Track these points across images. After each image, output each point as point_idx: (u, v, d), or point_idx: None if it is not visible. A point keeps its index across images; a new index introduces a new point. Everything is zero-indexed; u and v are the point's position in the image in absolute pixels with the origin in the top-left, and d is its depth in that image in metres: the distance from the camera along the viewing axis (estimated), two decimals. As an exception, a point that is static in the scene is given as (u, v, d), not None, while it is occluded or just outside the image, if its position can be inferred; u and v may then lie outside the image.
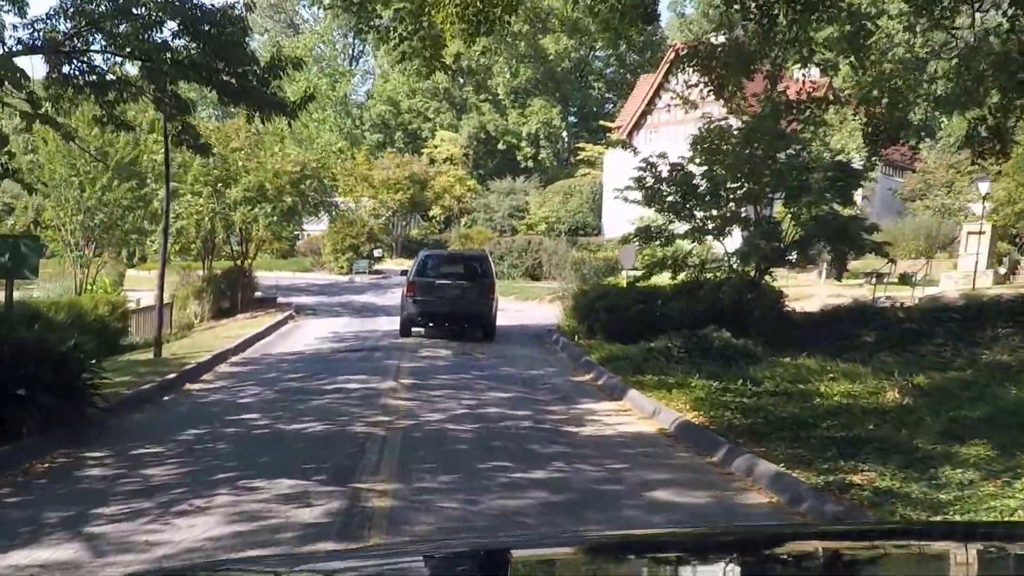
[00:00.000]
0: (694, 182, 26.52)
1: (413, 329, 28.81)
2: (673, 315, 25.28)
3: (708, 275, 26.73)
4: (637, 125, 65.46)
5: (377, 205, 64.68)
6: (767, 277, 26.27)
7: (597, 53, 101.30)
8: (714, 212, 26.12)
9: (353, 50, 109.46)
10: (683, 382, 18.14)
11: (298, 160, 36.52)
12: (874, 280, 34.52)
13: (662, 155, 28.02)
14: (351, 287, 52.62)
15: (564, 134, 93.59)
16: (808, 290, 36.29)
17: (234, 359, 23.93)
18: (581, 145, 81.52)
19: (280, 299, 42.65)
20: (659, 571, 3.03)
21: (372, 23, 18.02)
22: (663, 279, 28.00)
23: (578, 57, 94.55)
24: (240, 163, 35.60)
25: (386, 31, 17.61)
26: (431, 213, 73.37)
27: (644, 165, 27.75)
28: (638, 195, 27.95)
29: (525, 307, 41.82)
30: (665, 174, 27.18)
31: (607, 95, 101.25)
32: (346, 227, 57.71)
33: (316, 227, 65.06)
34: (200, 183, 34.98)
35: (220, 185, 35.39)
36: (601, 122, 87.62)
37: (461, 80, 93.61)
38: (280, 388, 18.66)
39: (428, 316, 28.07)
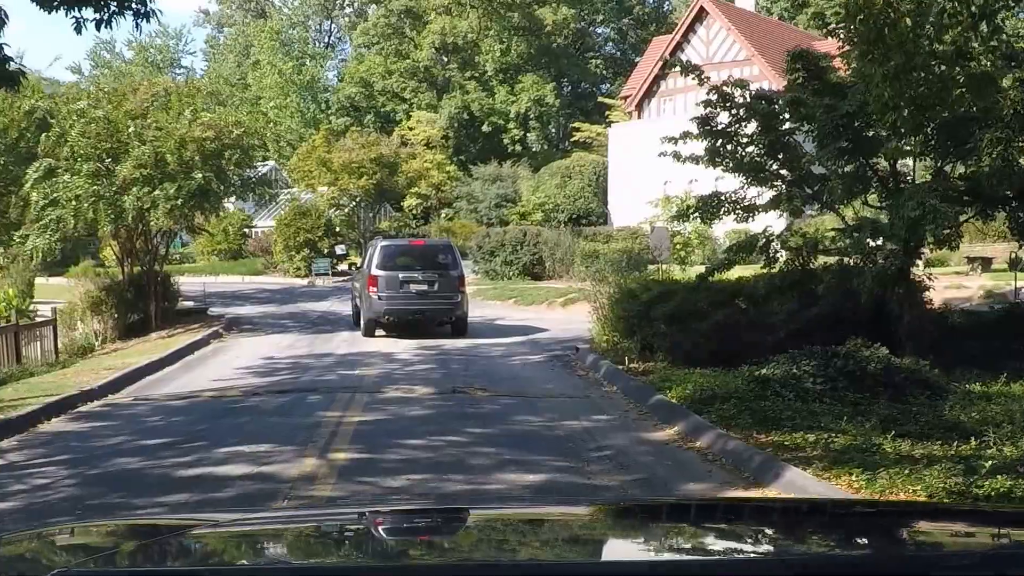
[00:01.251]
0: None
1: (377, 332, 26.41)
2: (773, 322, 17.21)
3: (821, 262, 18.53)
4: (648, 93, 57.22)
5: (337, 193, 56.29)
6: (918, 262, 18.06)
7: (597, 29, 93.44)
8: (845, 167, 17.77)
9: (330, 36, 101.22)
10: (868, 445, 10.42)
11: (212, 124, 28.10)
12: (1013, 267, 25.82)
13: (740, 83, 19.93)
14: (310, 292, 44.38)
15: (557, 113, 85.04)
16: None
17: (87, 407, 15.89)
18: (577, 125, 73.15)
19: (216, 310, 34.58)
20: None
21: None
22: (736, 272, 19.88)
23: (577, 29, 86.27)
24: (133, 130, 27.30)
25: None
26: (406, 204, 64.92)
27: (714, 96, 19.64)
28: (696, 149, 19.85)
29: (531, 314, 33.62)
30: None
31: (605, 73, 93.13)
32: (298, 219, 49.36)
33: (268, 222, 56.80)
34: (81, 157, 26.65)
35: (109, 160, 27.06)
36: (601, 99, 79.57)
37: (445, 59, 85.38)
38: (93, 480, 10.56)
39: (395, 314, 26.13)
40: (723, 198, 19.83)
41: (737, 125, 19.73)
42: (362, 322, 26.84)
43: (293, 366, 20.59)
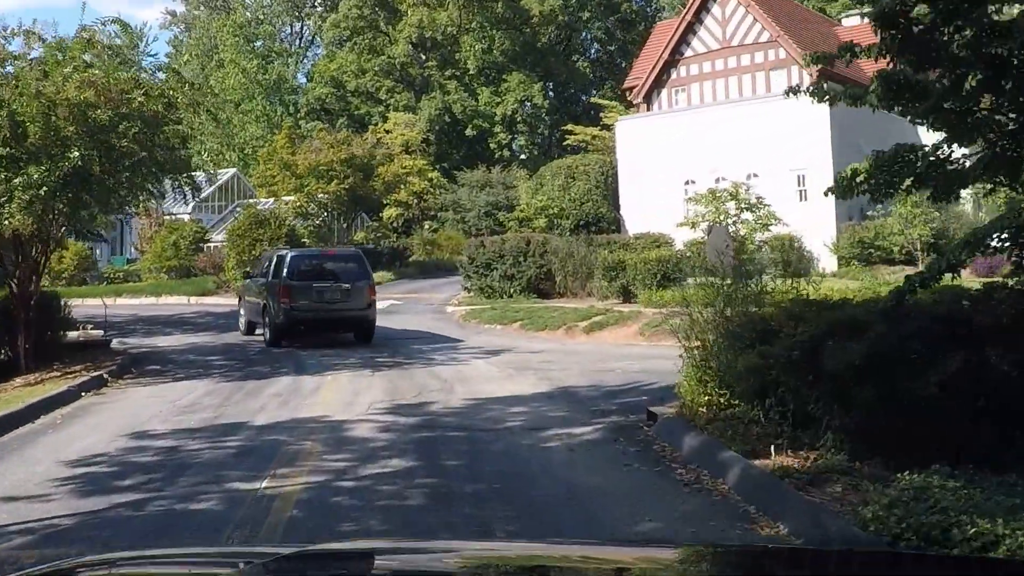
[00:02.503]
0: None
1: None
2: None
3: None
4: (658, 82, 48.31)
5: (304, 200, 47.21)
6: None
7: (582, 34, 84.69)
8: None
9: (301, 40, 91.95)
10: None
11: (96, 82, 19.18)
12: None
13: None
14: (263, 317, 35.26)
15: (546, 116, 76.10)
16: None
17: None
18: (569, 127, 64.18)
19: (129, 341, 25.96)
20: None
21: None
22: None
23: (565, 22, 77.33)
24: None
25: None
26: (385, 215, 55.75)
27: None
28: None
29: (546, 344, 24.80)
30: None
31: (593, 75, 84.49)
32: (253, 229, 40.27)
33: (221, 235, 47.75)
34: None
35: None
36: (595, 99, 70.79)
37: (423, 56, 76.52)
38: None
39: (308, 323, 25.69)
40: (917, 155, 11.00)
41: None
42: (270, 332, 25.92)
43: (161, 463, 11.32)
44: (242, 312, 29.50)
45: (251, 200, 53.17)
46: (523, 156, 74.01)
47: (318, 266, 26.71)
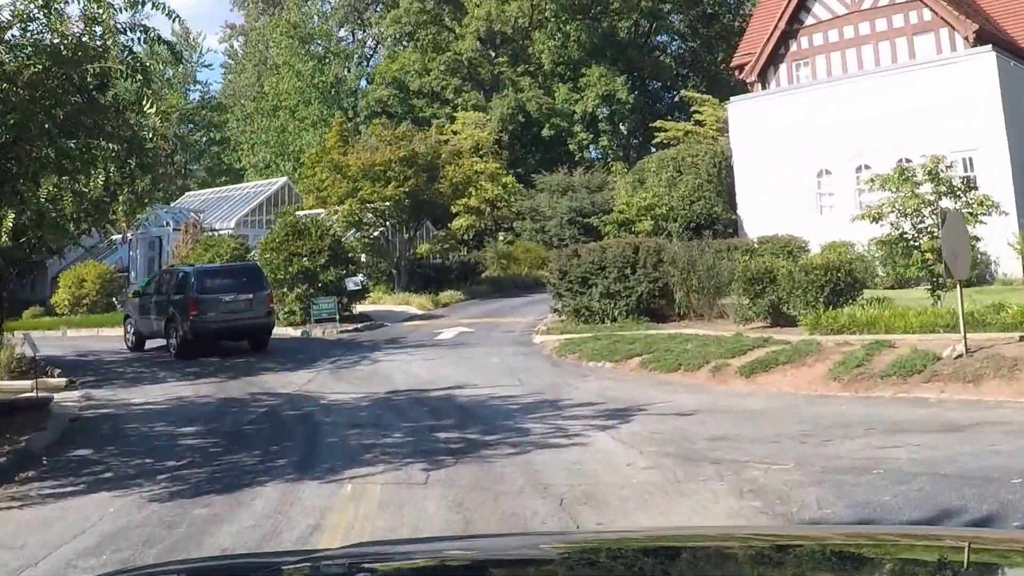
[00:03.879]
0: None
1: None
2: None
3: None
4: (774, 57, 39.69)
5: (358, 207, 38.93)
6: None
7: (661, 36, 76.30)
8: None
9: (364, 43, 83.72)
10: None
11: None
12: None
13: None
14: (297, 350, 26.94)
15: (631, 113, 67.32)
16: None
17: None
18: (659, 123, 55.41)
19: (96, 395, 18.58)
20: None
21: None
22: None
23: (648, 8, 68.62)
24: None
25: None
26: (455, 224, 47.26)
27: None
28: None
29: (694, 399, 16.17)
30: None
31: (679, 70, 75.88)
32: (290, 240, 31.93)
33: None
34: None
35: None
36: (684, 93, 61.93)
37: (492, 53, 68.27)
38: None
39: (215, 333, 26.68)
40: None
41: None
42: (178, 344, 26.57)
43: None
44: (130, 329, 29.94)
45: (289, 207, 45.02)
46: (605, 157, 65.29)
47: (221, 280, 27.74)
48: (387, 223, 41.60)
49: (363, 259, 40.69)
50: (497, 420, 14.67)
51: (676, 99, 69.21)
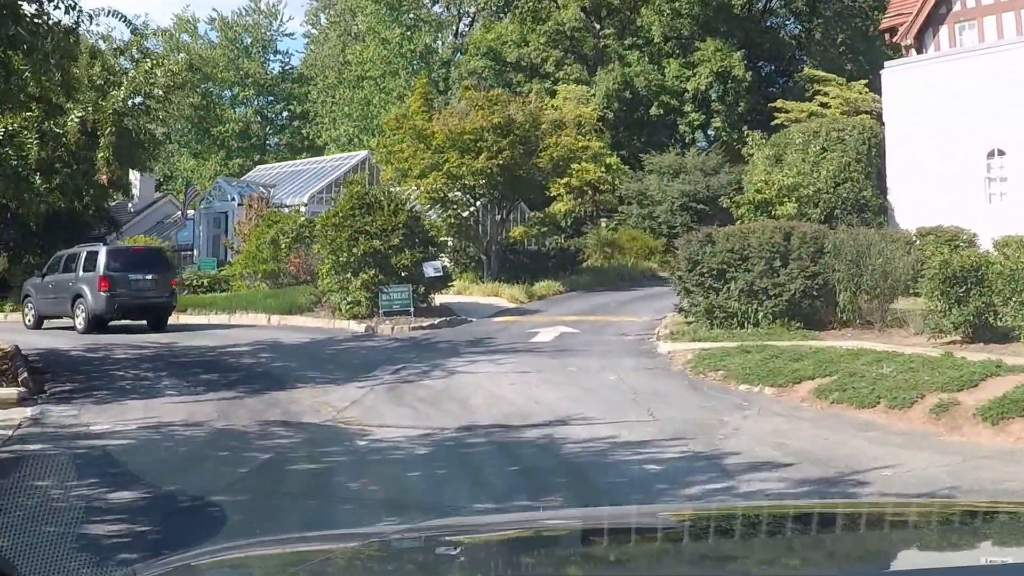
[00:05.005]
0: None
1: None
2: None
3: None
4: (932, 18, 33.18)
5: (441, 181, 33.02)
6: None
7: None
8: None
9: (458, 22, 77.56)
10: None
11: None
12: None
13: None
14: (357, 353, 21.24)
15: (748, 91, 60.73)
16: None
17: None
18: (779, 103, 48.86)
19: (60, 414, 13.19)
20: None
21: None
22: None
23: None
24: None
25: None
26: (554, 208, 41.12)
27: None
28: None
29: (928, 460, 10.04)
30: None
31: (796, 53, 69.02)
32: (357, 215, 26.12)
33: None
34: None
35: None
36: (809, 71, 55.23)
37: (597, 25, 62.26)
38: None
39: (124, 308, 27.34)
40: None
41: None
42: (86, 320, 27.07)
43: None
44: (29, 308, 30.00)
45: (359, 175, 39.34)
46: (716, 140, 58.88)
47: (129, 259, 28.58)
48: (476, 202, 35.72)
49: (449, 243, 34.91)
50: (631, 497, 8.82)
51: (791, 83, 62.74)
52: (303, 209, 40.37)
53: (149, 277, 27.51)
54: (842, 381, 14.62)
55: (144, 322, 27.59)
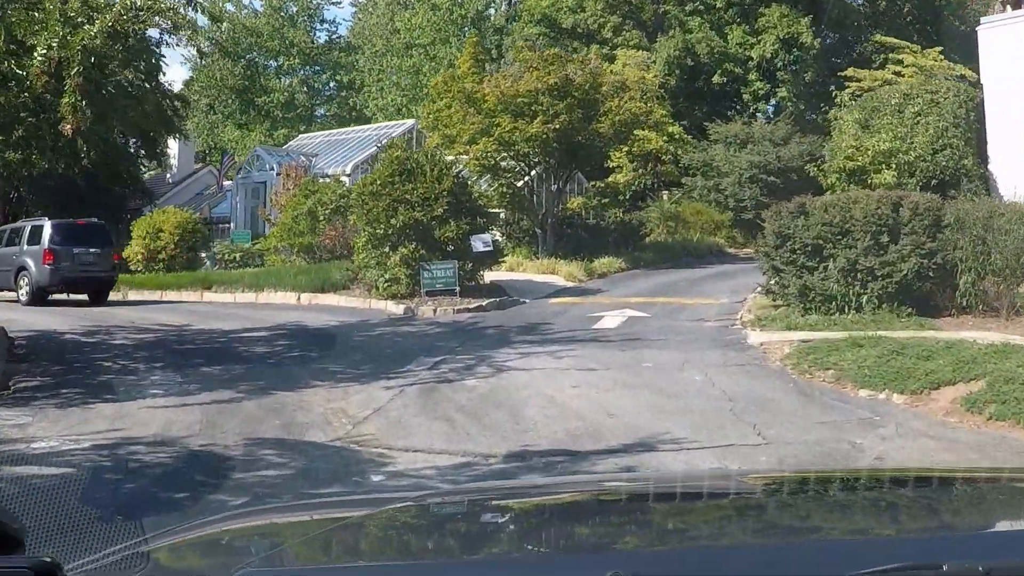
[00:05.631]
0: None
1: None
2: None
3: None
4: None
5: (492, 148, 29.72)
6: None
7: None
8: None
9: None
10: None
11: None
12: None
13: None
14: (390, 341, 17.98)
15: (815, 59, 56.91)
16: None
17: None
18: (851, 72, 45.10)
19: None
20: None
21: None
22: None
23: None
24: None
25: None
26: (615, 179, 37.70)
27: None
28: None
29: None
30: None
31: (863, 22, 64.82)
32: (397, 181, 22.83)
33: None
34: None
35: None
36: (880, 38, 51.31)
37: (654, -11, 58.69)
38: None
39: (68, 281, 27.71)
40: None
41: None
42: (30, 292, 27.44)
43: None
44: None
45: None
46: (787, 106, 55.06)
47: (72, 233, 28.28)
48: (531, 171, 32.42)
49: (501, 215, 31.68)
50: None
51: (855, 54, 58.86)
52: (345, 180, 37.31)
53: (92, 251, 27.77)
54: (997, 389, 11.28)
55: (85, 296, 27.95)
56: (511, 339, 17.48)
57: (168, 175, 49.56)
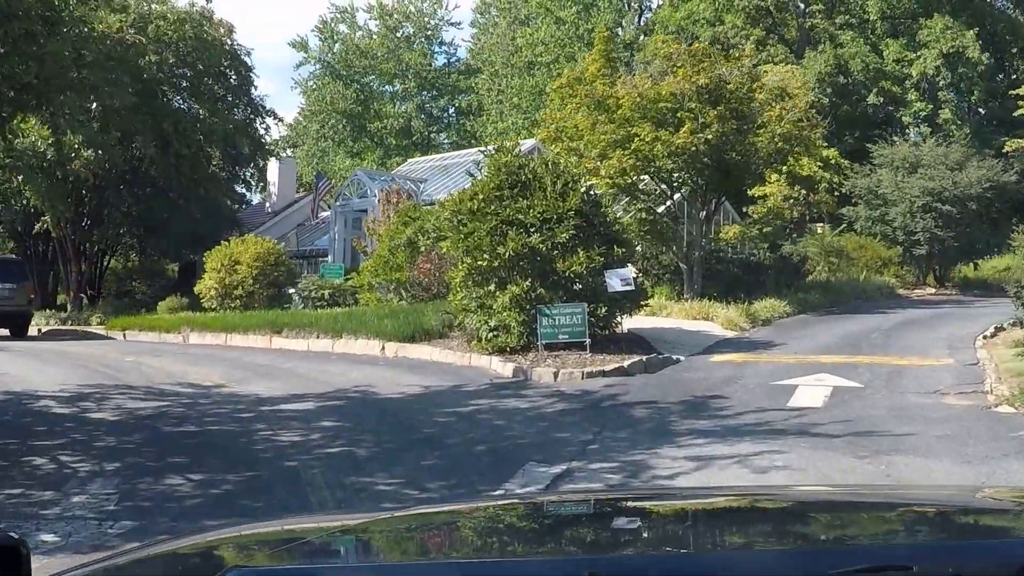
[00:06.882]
0: None
1: None
2: None
3: None
4: None
5: (629, 163, 23.39)
6: None
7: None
8: None
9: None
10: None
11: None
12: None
13: None
14: (442, 441, 11.71)
15: (983, 77, 49.60)
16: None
17: None
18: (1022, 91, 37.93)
19: None
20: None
21: None
22: None
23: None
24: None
25: None
26: (766, 206, 30.70)
27: None
28: None
29: None
30: None
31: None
32: (504, 194, 16.69)
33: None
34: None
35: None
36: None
37: (802, 4, 52.40)
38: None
39: None
40: None
41: None
42: None
43: None
44: None
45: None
46: (950, 131, 47.80)
47: None
48: (674, 194, 26.08)
49: (636, 248, 25.35)
50: None
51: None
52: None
53: (7, 286, 27.73)
54: None
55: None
56: (673, 427, 11.20)
57: (268, 204, 44.52)
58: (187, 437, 10.85)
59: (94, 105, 24.92)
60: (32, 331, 29.43)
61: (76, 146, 29.31)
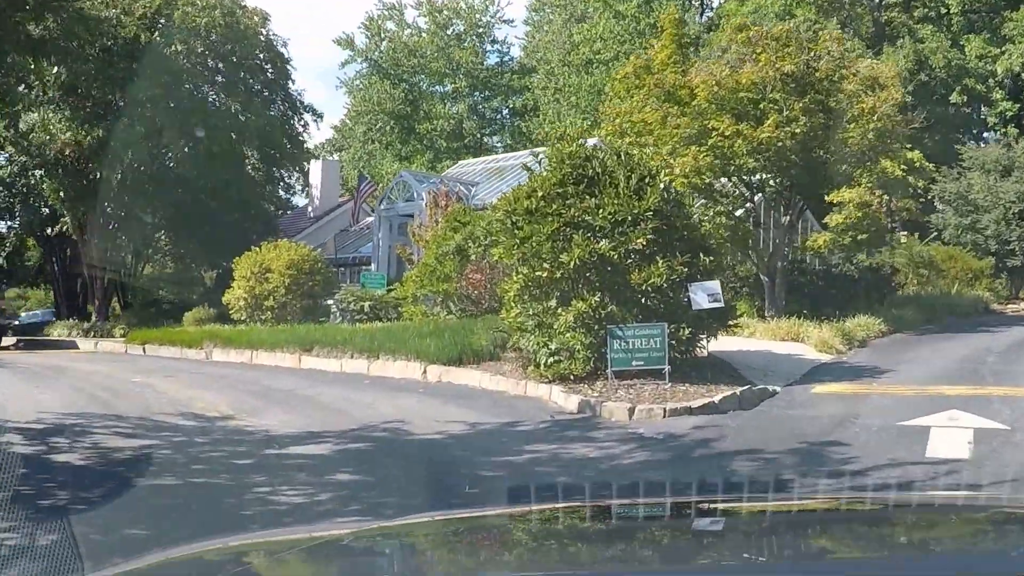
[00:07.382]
0: None
1: None
2: None
3: None
4: None
5: (707, 159, 20.77)
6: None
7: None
8: None
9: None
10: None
11: None
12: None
13: None
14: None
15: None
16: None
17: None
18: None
19: None
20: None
21: None
22: None
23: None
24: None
25: None
26: (864, 211, 27.35)
27: None
28: None
29: None
30: None
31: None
32: (563, 195, 14.07)
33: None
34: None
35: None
36: None
37: (877, -3, 49.82)
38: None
39: None
40: None
41: None
42: None
43: None
44: None
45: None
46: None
47: None
48: (755, 196, 23.42)
49: (705, 260, 22.59)
50: None
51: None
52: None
53: None
54: None
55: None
56: (791, 489, 8.59)
57: (310, 208, 42.31)
58: (158, 495, 8.43)
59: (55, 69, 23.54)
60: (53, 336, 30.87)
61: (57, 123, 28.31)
